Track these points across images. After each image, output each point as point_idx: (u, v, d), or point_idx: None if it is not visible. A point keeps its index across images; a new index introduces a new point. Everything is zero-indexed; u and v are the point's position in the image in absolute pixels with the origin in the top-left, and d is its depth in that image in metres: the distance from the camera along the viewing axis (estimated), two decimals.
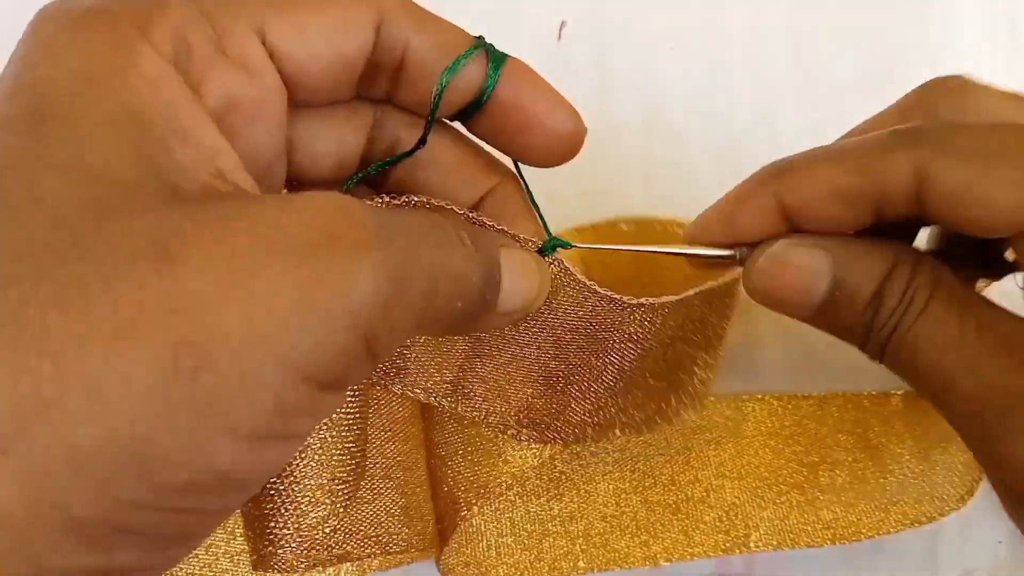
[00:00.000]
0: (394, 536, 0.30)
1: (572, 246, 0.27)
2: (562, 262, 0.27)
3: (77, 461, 0.15)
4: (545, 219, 0.29)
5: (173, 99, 0.20)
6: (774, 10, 0.44)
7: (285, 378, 0.16)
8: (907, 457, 0.37)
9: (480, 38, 0.25)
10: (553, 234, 0.28)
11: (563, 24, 0.44)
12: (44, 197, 0.17)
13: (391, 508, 0.30)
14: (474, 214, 0.25)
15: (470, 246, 0.21)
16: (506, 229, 0.26)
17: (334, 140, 0.26)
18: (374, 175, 0.27)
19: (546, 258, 0.26)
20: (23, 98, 0.18)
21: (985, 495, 0.38)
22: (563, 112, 0.25)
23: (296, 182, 0.26)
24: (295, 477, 0.25)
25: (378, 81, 0.25)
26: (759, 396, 0.38)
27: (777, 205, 0.25)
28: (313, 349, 0.16)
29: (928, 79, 0.29)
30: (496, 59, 0.24)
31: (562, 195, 0.42)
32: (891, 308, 0.24)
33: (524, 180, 0.28)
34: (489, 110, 0.25)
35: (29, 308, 0.15)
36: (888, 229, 0.26)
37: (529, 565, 0.35)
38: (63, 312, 0.15)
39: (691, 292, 0.28)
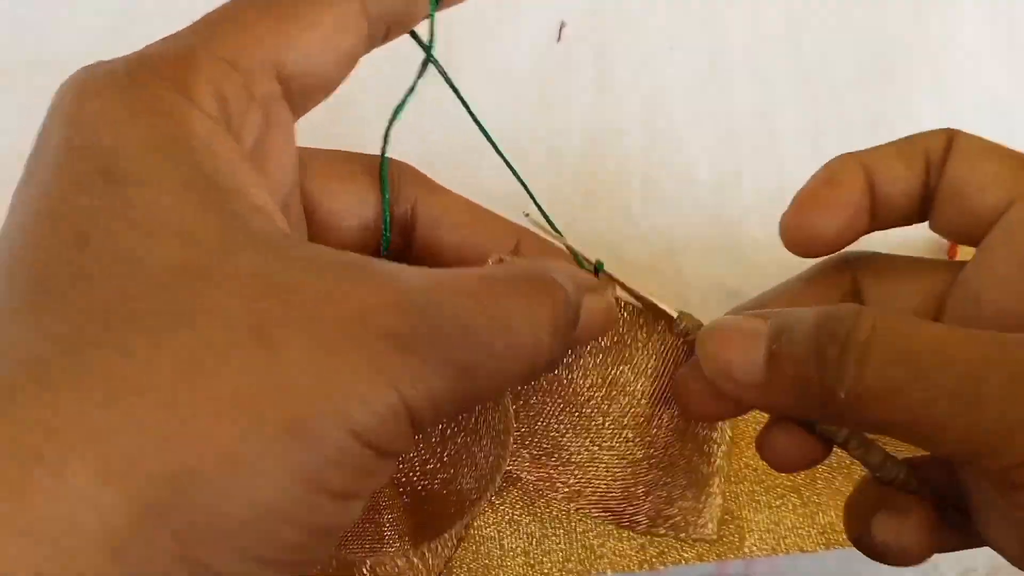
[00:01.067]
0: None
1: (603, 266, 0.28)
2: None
3: (223, 528, 0.17)
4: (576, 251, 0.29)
5: (230, 161, 0.21)
6: (774, 10, 0.44)
7: (362, 449, 0.18)
8: None
9: None
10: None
11: (563, 24, 0.44)
12: (136, 257, 0.18)
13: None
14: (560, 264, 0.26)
15: (548, 332, 0.22)
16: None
17: (354, 199, 0.27)
18: (401, 227, 0.28)
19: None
20: (89, 159, 0.19)
21: None
22: None
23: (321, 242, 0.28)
24: None
25: (371, 48, 0.25)
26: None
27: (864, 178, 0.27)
28: (385, 434, 0.19)
29: (914, 132, 0.28)
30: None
31: (562, 195, 0.42)
32: (844, 334, 0.22)
33: (549, 218, 0.29)
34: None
35: (155, 378, 0.17)
36: None
37: (529, 567, 0.35)
38: (189, 385, 0.17)
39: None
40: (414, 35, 0.26)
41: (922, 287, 0.27)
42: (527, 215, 0.28)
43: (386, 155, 0.27)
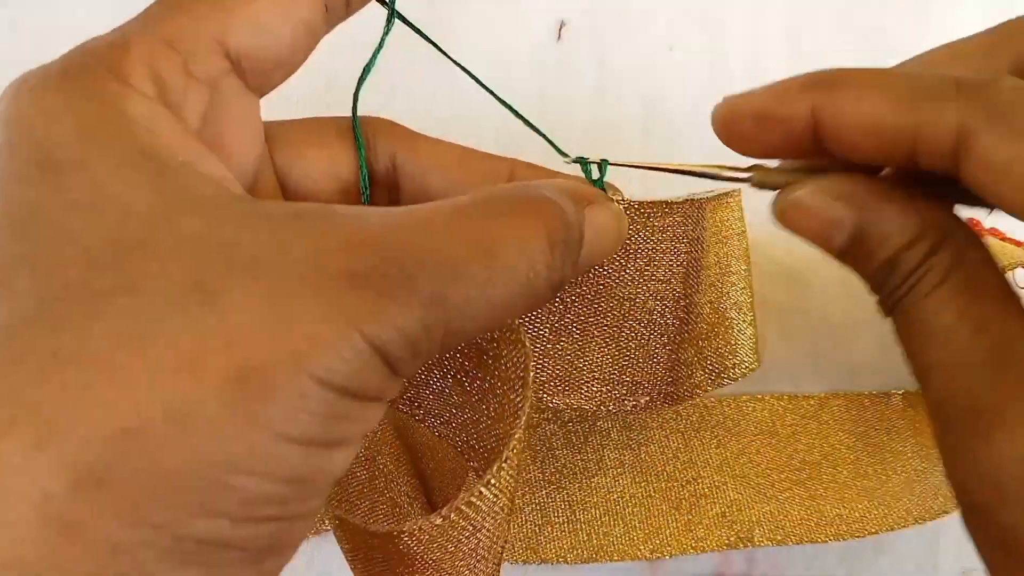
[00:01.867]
0: None
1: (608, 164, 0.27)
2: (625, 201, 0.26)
3: (172, 485, 0.16)
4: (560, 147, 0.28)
5: (171, 136, 0.20)
6: (774, 10, 0.45)
7: (328, 394, 0.18)
8: (909, 455, 0.37)
9: None
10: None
11: (563, 24, 0.44)
12: (75, 237, 0.18)
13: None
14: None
15: (542, 258, 0.21)
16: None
17: (329, 163, 0.27)
18: (385, 184, 0.27)
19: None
20: (27, 153, 0.19)
21: None
22: None
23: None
24: None
25: (338, 20, 0.25)
26: (760, 396, 0.38)
27: (812, 119, 0.24)
28: (353, 375, 0.18)
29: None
30: None
31: None
32: (902, 278, 0.23)
33: (540, 131, 0.28)
34: None
35: (92, 346, 0.17)
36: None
37: (532, 551, 0.35)
38: (127, 349, 0.17)
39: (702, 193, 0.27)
40: None
41: None
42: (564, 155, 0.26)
43: (357, 113, 0.27)
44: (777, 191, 0.25)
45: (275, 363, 0.17)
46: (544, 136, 0.28)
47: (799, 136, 0.24)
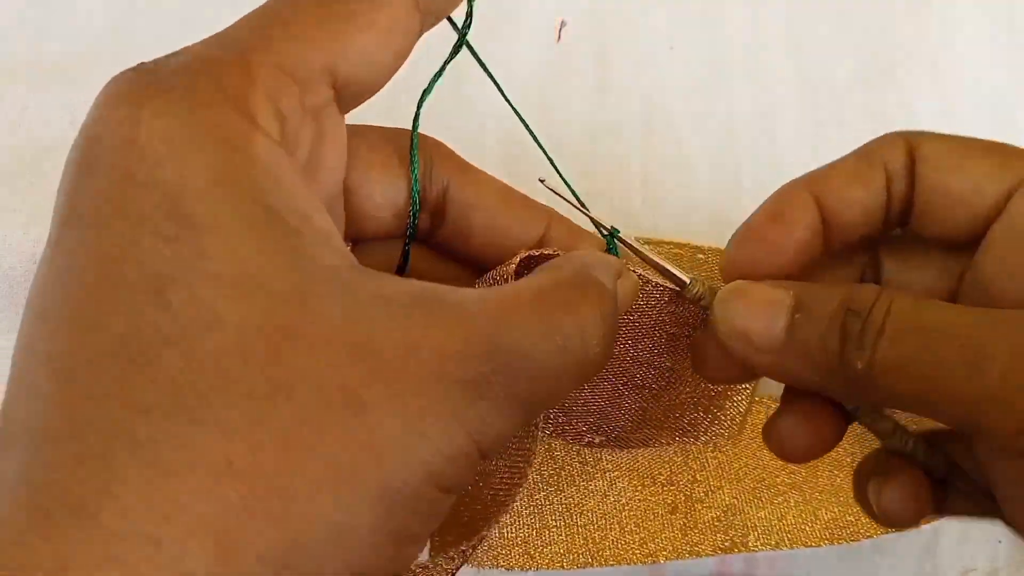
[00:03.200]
0: None
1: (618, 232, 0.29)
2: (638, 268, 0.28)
3: None
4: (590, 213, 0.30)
5: (292, 186, 0.20)
6: (774, 10, 0.45)
7: (437, 493, 0.19)
8: None
9: None
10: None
11: (563, 24, 0.44)
12: (222, 318, 0.18)
13: None
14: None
15: (598, 337, 0.22)
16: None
17: (391, 187, 0.27)
18: (427, 227, 0.29)
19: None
20: (158, 197, 0.18)
21: None
22: None
23: (358, 234, 0.28)
24: None
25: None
26: (758, 399, 0.38)
27: (817, 208, 0.26)
28: (457, 477, 0.19)
29: (881, 134, 0.28)
30: None
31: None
32: (867, 309, 0.23)
33: (578, 196, 0.30)
34: None
35: (261, 458, 0.17)
36: None
37: (529, 557, 0.35)
38: (291, 462, 0.17)
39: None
40: (449, 19, 0.26)
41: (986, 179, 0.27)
42: (542, 181, 0.28)
43: (416, 144, 0.28)
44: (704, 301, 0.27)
45: (409, 473, 0.18)
46: (584, 210, 0.30)
47: (809, 229, 0.27)
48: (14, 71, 0.42)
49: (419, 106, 0.27)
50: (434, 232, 0.29)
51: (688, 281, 0.27)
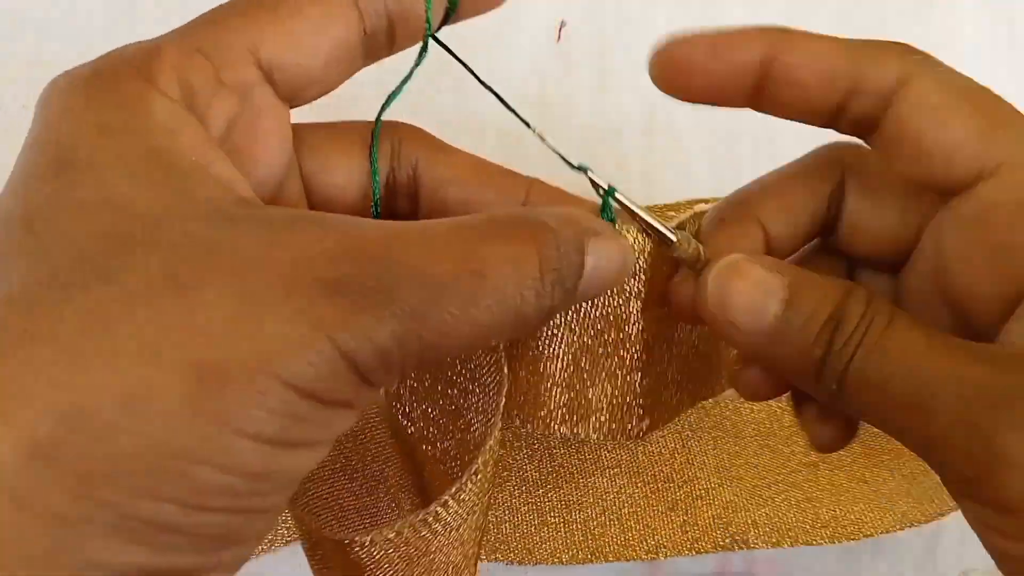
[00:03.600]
0: None
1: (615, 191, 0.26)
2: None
3: (120, 465, 0.17)
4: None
5: (188, 137, 0.21)
6: (774, 10, 0.45)
7: (295, 397, 0.18)
8: (906, 457, 0.37)
9: None
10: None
11: (563, 24, 0.44)
12: (72, 233, 0.19)
13: None
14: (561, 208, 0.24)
15: (543, 276, 0.21)
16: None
17: (354, 170, 0.27)
18: (397, 207, 0.28)
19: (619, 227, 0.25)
20: (47, 151, 0.20)
21: None
22: None
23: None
24: None
25: (379, 50, 0.25)
26: None
27: (760, 63, 0.26)
28: (317, 380, 0.18)
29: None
30: None
31: None
32: (852, 326, 0.22)
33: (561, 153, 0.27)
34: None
35: (60, 329, 0.17)
36: None
37: (527, 553, 0.35)
38: (91, 334, 0.17)
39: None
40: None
41: (904, 210, 0.26)
42: (535, 131, 0.26)
43: (379, 125, 0.27)
44: (698, 265, 0.25)
45: (236, 360, 0.18)
46: (577, 167, 0.26)
47: (744, 79, 0.25)
48: (14, 71, 0.42)
49: (387, 102, 0.27)
50: (413, 214, 0.28)
51: (675, 240, 0.25)
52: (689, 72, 0.26)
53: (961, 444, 0.21)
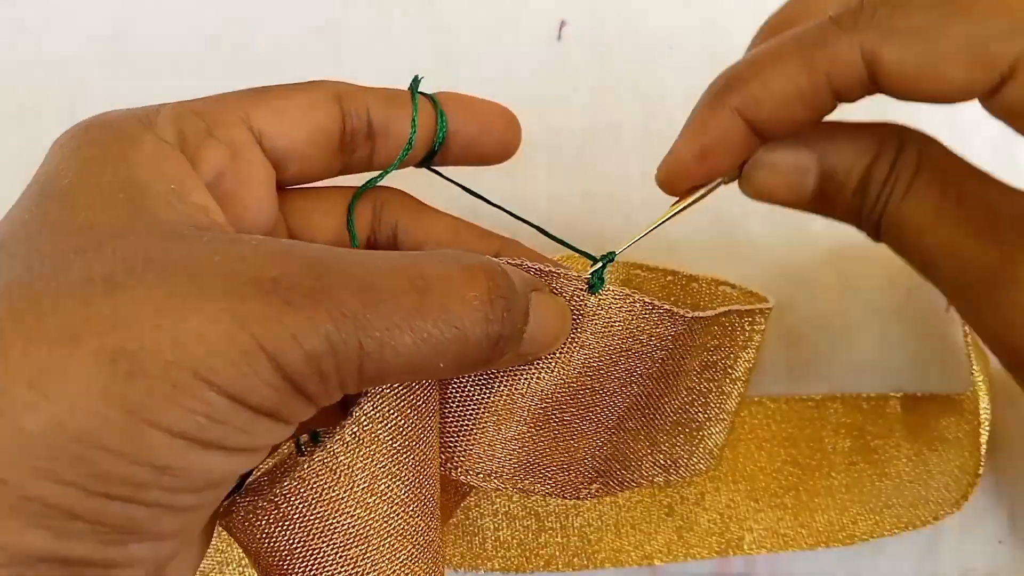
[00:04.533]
0: None
1: (614, 257, 0.27)
2: (622, 292, 0.26)
3: (22, 444, 0.17)
4: (576, 247, 0.28)
5: (172, 168, 0.22)
6: (774, 10, 0.44)
7: (211, 395, 0.18)
8: (903, 460, 0.37)
9: (414, 80, 0.28)
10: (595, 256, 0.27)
11: (563, 24, 0.44)
12: (35, 248, 0.20)
13: None
14: (512, 259, 0.25)
15: (491, 307, 0.21)
16: (551, 269, 0.25)
17: (340, 229, 0.28)
18: None
19: (607, 291, 0.26)
20: (34, 186, 0.22)
21: (984, 495, 0.38)
22: (500, 117, 0.28)
23: None
24: None
25: (357, 148, 0.27)
26: (755, 399, 0.38)
27: (740, 122, 0.25)
28: (238, 379, 0.18)
29: None
30: (435, 100, 0.28)
31: (563, 196, 0.42)
32: (876, 193, 0.25)
33: (542, 229, 0.29)
34: (445, 144, 0.28)
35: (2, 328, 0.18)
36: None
37: (525, 559, 0.35)
38: (16, 319, 0.18)
39: (726, 309, 0.28)
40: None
41: None
42: (606, 258, 0.27)
43: (356, 198, 0.28)
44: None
45: (151, 351, 0.18)
46: (568, 244, 0.29)
47: (737, 141, 0.25)
48: (14, 71, 0.42)
49: (370, 182, 0.28)
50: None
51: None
52: (697, 177, 0.27)
53: (962, 308, 0.26)
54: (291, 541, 0.23)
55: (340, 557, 0.23)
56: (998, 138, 0.30)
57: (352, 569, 0.23)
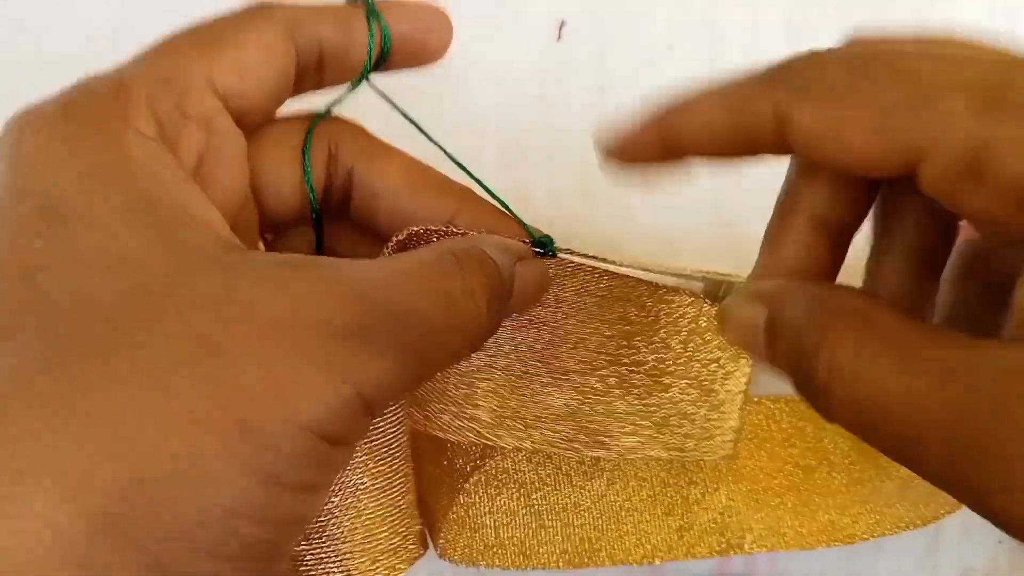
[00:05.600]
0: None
1: (556, 252, 0.29)
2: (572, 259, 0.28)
3: (181, 531, 0.18)
4: (522, 220, 0.29)
5: (168, 178, 0.22)
6: (774, 10, 0.44)
7: (317, 442, 0.19)
8: None
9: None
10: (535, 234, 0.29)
11: (563, 24, 0.44)
12: (83, 289, 0.19)
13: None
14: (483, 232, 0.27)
15: (484, 300, 0.23)
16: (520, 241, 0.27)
17: (297, 178, 0.28)
18: (334, 208, 0.29)
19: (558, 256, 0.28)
20: (30, 199, 0.20)
21: None
22: (436, 20, 0.28)
23: (267, 221, 0.28)
24: None
25: (307, 80, 0.27)
26: (756, 399, 0.38)
27: (661, 132, 0.25)
28: (335, 421, 0.20)
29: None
30: (376, 13, 0.27)
31: (562, 195, 0.42)
32: (824, 367, 0.21)
33: (494, 193, 0.29)
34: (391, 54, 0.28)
35: (105, 400, 0.18)
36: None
37: (525, 557, 0.35)
38: (140, 404, 0.18)
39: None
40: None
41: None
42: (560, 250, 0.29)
43: (308, 146, 0.28)
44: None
45: (272, 416, 0.19)
46: (516, 217, 0.29)
47: (656, 152, 0.25)
48: (14, 71, 0.42)
49: (315, 121, 0.28)
50: (345, 216, 0.29)
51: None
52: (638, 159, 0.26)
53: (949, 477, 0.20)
54: None
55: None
56: None
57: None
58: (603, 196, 0.42)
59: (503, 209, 0.29)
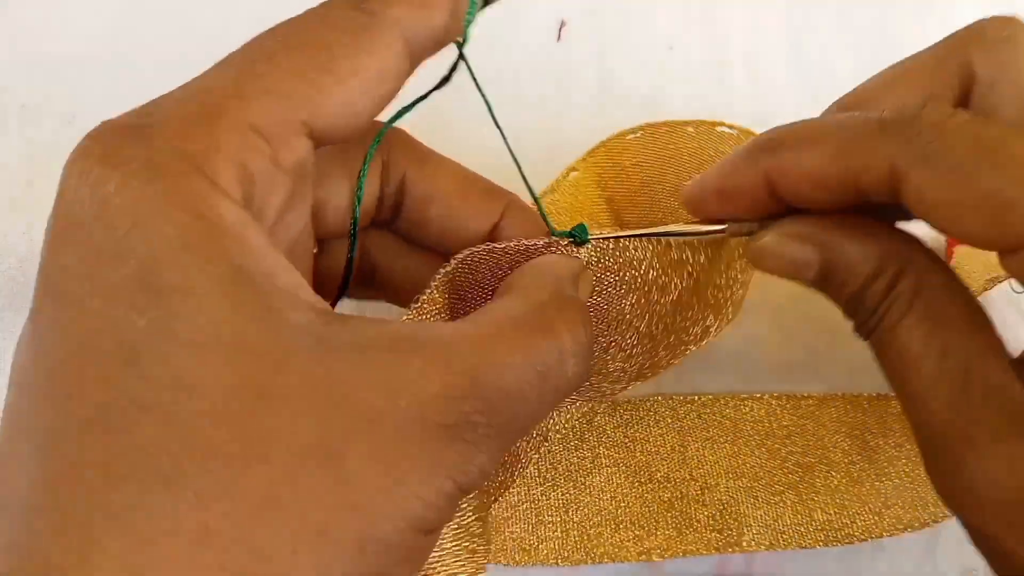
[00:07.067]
0: None
1: (589, 239, 0.29)
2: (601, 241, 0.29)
3: None
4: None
5: (256, 245, 0.20)
6: (774, 10, 0.45)
7: (423, 539, 0.20)
8: (903, 461, 0.37)
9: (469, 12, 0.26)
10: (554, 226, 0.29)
11: (563, 24, 0.44)
12: (193, 382, 0.18)
13: None
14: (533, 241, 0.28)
15: (577, 357, 0.23)
16: (545, 242, 0.28)
17: (349, 192, 0.28)
18: (382, 218, 0.29)
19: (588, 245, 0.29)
20: (129, 270, 0.18)
21: None
22: None
23: (327, 234, 0.28)
24: None
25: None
26: (758, 396, 0.38)
27: (766, 183, 0.25)
28: (440, 518, 0.20)
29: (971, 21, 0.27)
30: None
31: None
32: (870, 309, 0.25)
33: (533, 192, 0.29)
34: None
35: (236, 521, 0.17)
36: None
37: (524, 552, 0.35)
38: (266, 522, 0.18)
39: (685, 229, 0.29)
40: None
41: None
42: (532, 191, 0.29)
43: (368, 160, 0.28)
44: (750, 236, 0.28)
45: (390, 523, 0.19)
46: (542, 211, 0.29)
47: (759, 198, 0.26)
48: (14, 71, 0.42)
49: (393, 119, 0.28)
50: (393, 221, 0.29)
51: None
52: (713, 211, 0.28)
53: (924, 456, 0.24)
54: None
55: None
56: None
57: None
58: None
59: (540, 213, 0.29)
